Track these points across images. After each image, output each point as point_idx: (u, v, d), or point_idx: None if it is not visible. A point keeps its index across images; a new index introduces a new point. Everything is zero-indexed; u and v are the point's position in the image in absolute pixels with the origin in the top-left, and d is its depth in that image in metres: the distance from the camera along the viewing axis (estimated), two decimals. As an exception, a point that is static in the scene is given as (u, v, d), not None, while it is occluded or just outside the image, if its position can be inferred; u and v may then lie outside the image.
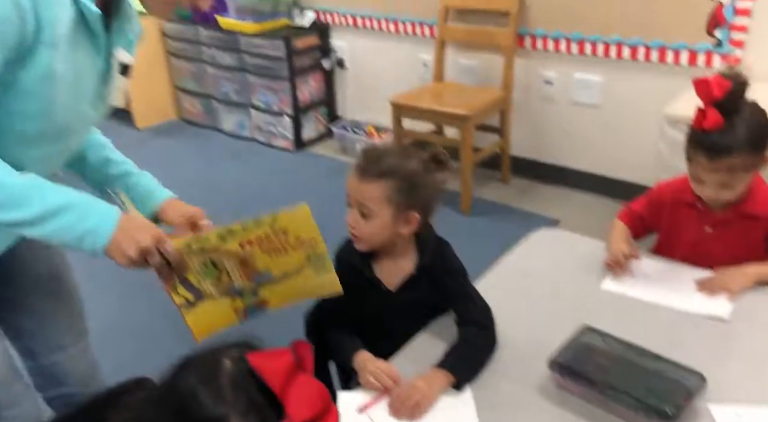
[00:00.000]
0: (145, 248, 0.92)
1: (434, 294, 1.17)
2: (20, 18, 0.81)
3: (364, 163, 1.11)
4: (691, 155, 1.26)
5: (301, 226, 0.95)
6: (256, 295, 1.04)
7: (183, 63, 3.77)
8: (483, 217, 2.74)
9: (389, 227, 1.11)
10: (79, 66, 0.93)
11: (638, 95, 2.59)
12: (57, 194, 0.90)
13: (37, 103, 0.89)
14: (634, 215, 1.43)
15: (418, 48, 3.13)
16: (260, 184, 3.13)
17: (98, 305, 2.06)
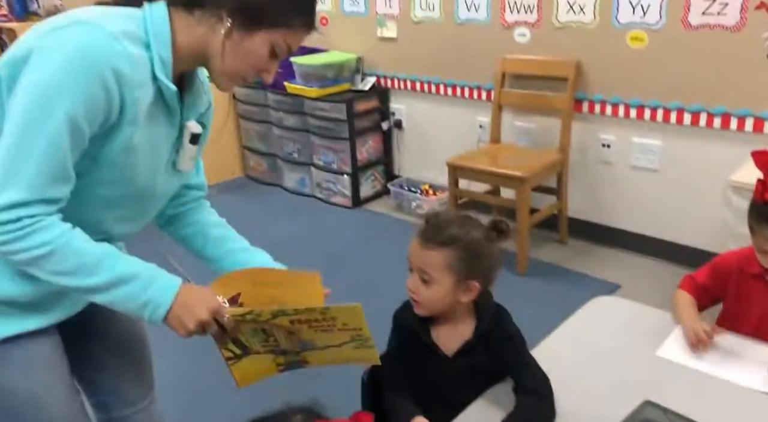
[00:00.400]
0: (204, 321, 0.98)
1: (491, 361, 1.17)
2: (108, 101, 0.89)
3: (427, 230, 1.13)
4: (753, 227, 1.25)
5: (351, 319, 0.99)
6: (299, 356, 1.09)
7: (251, 124, 3.99)
8: (539, 278, 2.71)
9: (449, 295, 1.13)
10: (155, 137, 1.01)
11: (700, 161, 2.55)
12: (125, 264, 0.96)
13: (119, 171, 0.98)
14: (697, 285, 1.40)
15: (474, 111, 3.21)
16: (318, 239, 3.22)
17: (159, 356, 2.14)
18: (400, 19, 3.31)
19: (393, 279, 2.58)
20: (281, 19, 0.97)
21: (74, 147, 0.90)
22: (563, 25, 2.74)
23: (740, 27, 2.29)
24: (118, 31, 0.90)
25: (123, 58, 0.90)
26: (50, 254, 0.91)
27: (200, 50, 0.99)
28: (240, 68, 1.00)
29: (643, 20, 2.51)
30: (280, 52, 1.00)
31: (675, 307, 1.37)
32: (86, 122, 0.89)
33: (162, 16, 0.97)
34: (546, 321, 1.62)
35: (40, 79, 0.87)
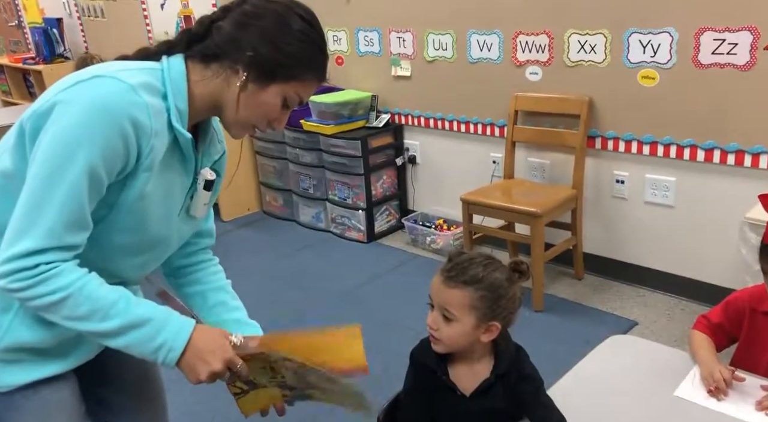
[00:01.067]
0: (217, 372, 0.99)
1: (509, 402, 1.17)
2: (126, 150, 0.93)
3: (450, 268, 1.14)
4: (765, 269, 1.24)
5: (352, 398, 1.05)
6: (303, 392, 1.11)
7: (267, 160, 4.07)
8: (555, 314, 2.70)
9: (470, 334, 1.14)
10: (169, 184, 1.04)
11: (715, 197, 2.55)
12: (139, 308, 0.98)
13: (134, 219, 1.00)
14: (713, 325, 1.38)
15: (488, 147, 3.25)
16: (333, 274, 3.23)
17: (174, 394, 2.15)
18: (414, 58, 3.39)
19: (408, 315, 2.60)
20: (294, 73, 1.02)
21: (92, 195, 0.93)
22: (575, 63, 2.79)
23: (750, 66, 2.32)
24: (136, 82, 0.94)
25: (140, 109, 0.94)
26: (65, 299, 0.92)
27: (215, 101, 1.04)
28: (252, 118, 1.05)
29: (654, 59, 2.55)
30: (291, 103, 1.05)
31: (692, 349, 1.36)
32: (105, 170, 0.92)
33: (179, 69, 1.01)
34: (562, 358, 1.61)
35: (61, 130, 0.90)
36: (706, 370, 1.26)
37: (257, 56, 0.99)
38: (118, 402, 1.28)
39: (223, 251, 1.37)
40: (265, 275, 3.26)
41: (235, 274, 3.64)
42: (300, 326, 2.59)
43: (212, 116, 1.10)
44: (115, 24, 5.10)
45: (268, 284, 3.16)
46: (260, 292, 3.05)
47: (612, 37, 2.64)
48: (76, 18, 5.52)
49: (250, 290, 3.09)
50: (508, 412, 1.18)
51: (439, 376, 1.18)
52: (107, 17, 5.18)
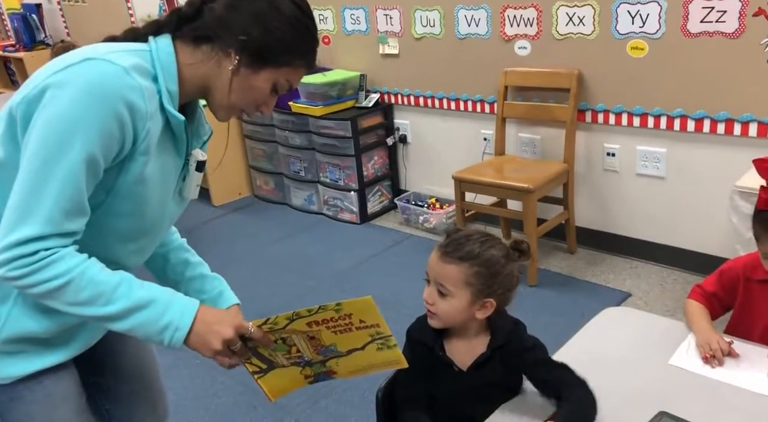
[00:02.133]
0: (229, 339, 0.99)
1: (506, 375, 1.18)
2: (122, 133, 0.92)
3: (447, 244, 1.15)
4: (758, 234, 1.25)
5: (366, 314, 1.00)
6: (324, 366, 1.09)
7: (257, 144, 4.04)
8: (550, 288, 2.72)
9: (465, 310, 1.14)
10: (164, 167, 1.03)
11: (706, 167, 2.56)
12: (141, 290, 0.97)
13: (132, 203, 0.99)
14: (707, 294, 1.40)
15: (478, 124, 3.24)
16: (327, 256, 3.23)
17: (173, 380, 2.16)
18: (402, 36, 3.35)
19: (404, 294, 2.61)
20: (285, 58, 1.02)
21: (90, 180, 0.92)
22: (563, 36, 2.77)
23: (739, 33, 2.31)
24: (128, 64, 0.93)
25: (135, 91, 0.92)
26: (67, 284, 0.92)
27: (204, 83, 1.03)
28: (242, 102, 1.04)
29: (643, 30, 2.53)
30: (280, 89, 1.05)
31: (688, 317, 1.37)
32: (101, 155, 0.91)
33: (168, 50, 1.00)
34: (558, 331, 1.63)
35: (55, 115, 0.89)
36: (702, 338, 1.28)
37: (250, 40, 0.99)
38: (116, 390, 1.28)
39: (215, 236, 1.37)
40: (259, 260, 3.25)
41: (227, 259, 3.67)
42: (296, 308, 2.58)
43: (199, 98, 1.09)
44: (96, 9, 5.00)
45: (262, 268, 3.16)
46: (254, 277, 3.05)
47: (600, 8, 2.61)
48: (56, 3, 5.40)
49: (243, 275, 3.12)
50: (505, 385, 1.19)
51: (435, 352, 1.19)
52: (87, 1, 5.08)
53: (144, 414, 1.33)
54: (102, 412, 1.28)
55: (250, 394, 2.19)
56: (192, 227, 3.60)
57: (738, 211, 2.03)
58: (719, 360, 1.23)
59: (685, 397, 1.16)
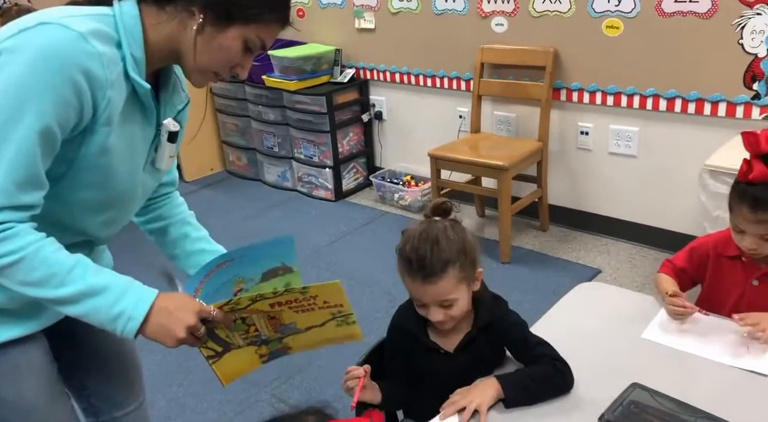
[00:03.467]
0: (192, 326, 0.96)
1: (493, 352, 1.20)
2: (80, 103, 0.88)
3: (418, 268, 1.09)
4: (733, 206, 1.28)
5: (331, 296, 0.99)
6: (281, 343, 1.09)
7: (229, 118, 3.96)
8: (522, 265, 2.76)
9: (469, 297, 1.16)
10: (131, 137, 0.99)
11: (676, 146, 2.60)
12: (96, 275, 0.93)
13: (97, 174, 0.96)
14: (677, 268, 1.44)
15: (454, 101, 3.23)
16: (302, 233, 3.21)
17: (147, 355, 2.13)
18: (378, 10, 3.30)
19: (379, 271, 2.61)
20: (254, 14, 0.96)
21: (46, 152, 0.88)
22: (540, 14, 2.76)
23: (711, 14, 2.34)
24: (86, 30, 0.88)
25: (92, 58, 0.88)
26: (18, 262, 0.88)
27: (173, 46, 0.98)
28: (212, 64, 0.99)
29: (618, 8, 2.54)
30: (253, 47, 0.99)
31: (659, 288, 1.41)
32: (57, 125, 0.87)
33: (132, 13, 0.95)
34: (531, 307, 1.65)
35: (6, 82, 0.84)
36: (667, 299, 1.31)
37: None
38: (91, 365, 1.26)
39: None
40: (231, 236, 3.18)
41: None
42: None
43: (172, 64, 1.04)
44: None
45: (235, 244, 3.11)
46: (228, 253, 3.01)
47: (577, -14, 2.61)
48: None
49: (217, 251, 3.06)
50: (491, 363, 1.21)
51: (421, 339, 1.20)
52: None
53: (118, 387, 1.32)
54: (76, 385, 1.27)
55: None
56: (163, 203, 3.53)
57: (706, 189, 2.08)
58: (691, 308, 1.27)
59: (656, 369, 1.19)
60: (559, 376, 1.13)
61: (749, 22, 2.27)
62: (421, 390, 1.22)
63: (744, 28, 2.29)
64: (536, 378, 1.12)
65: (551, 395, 1.12)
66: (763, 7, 2.23)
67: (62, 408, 1.15)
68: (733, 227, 1.31)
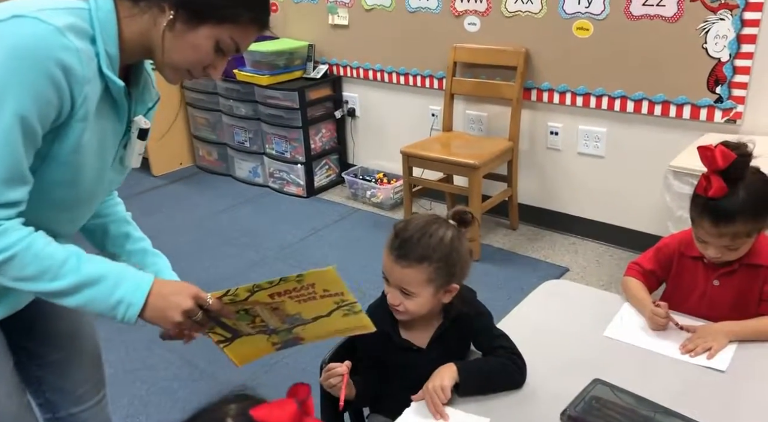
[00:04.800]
0: (189, 309, 0.96)
1: (463, 345, 1.21)
2: (59, 98, 0.87)
3: (399, 245, 1.11)
4: (695, 218, 1.30)
5: (329, 284, 0.98)
6: (291, 332, 1.08)
7: (200, 113, 3.90)
8: (491, 263, 2.78)
9: (431, 302, 1.15)
10: (103, 134, 0.98)
11: (642, 147, 2.66)
12: (91, 265, 0.94)
13: (68, 172, 0.95)
14: (645, 271, 1.45)
15: (427, 99, 3.23)
16: (273, 230, 3.19)
17: (110, 352, 2.08)
18: (352, 6, 3.29)
19: (350, 268, 2.60)
20: (226, 14, 0.95)
21: (28, 147, 0.88)
22: (512, 14, 2.78)
23: (677, 18, 2.39)
24: (62, 24, 0.87)
25: (70, 53, 0.87)
26: (11, 259, 0.88)
27: (145, 42, 0.97)
28: (183, 62, 0.98)
29: (588, 10, 2.58)
30: (226, 49, 0.98)
31: (629, 295, 1.42)
32: (38, 120, 0.87)
33: (108, 8, 0.93)
34: (499, 304, 1.66)
35: None
36: (648, 313, 1.32)
37: None
38: (47, 356, 1.24)
39: (155, 207, 1.32)
40: (200, 232, 3.17)
41: (167, 230, 3.56)
42: (241, 281, 2.53)
43: (144, 59, 1.03)
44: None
45: (204, 240, 3.09)
46: (195, 249, 2.97)
47: (549, -12, 2.64)
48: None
49: (184, 246, 3.03)
50: (461, 355, 1.22)
51: (393, 338, 1.20)
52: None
53: (77, 382, 1.29)
54: (33, 379, 1.24)
55: (189, 368, 2.15)
56: (128, 196, 3.44)
57: (671, 190, 2.12)
58: (670, 321, 1.29)
59: (618, 365, 1.21)
60: (515, 370, 1.14)
61: (713, 26, 2.33)
62: (393, 385, 1.22)
63: (708, 32, 2.35)
64: (492, 369, 1.14)
65: (504, 387, 1.14)
66: (726, 12, 2.29)
67: (18, 401, 1.12)
68: (696, 237, 1.33)
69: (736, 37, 2.29)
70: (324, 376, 1.13)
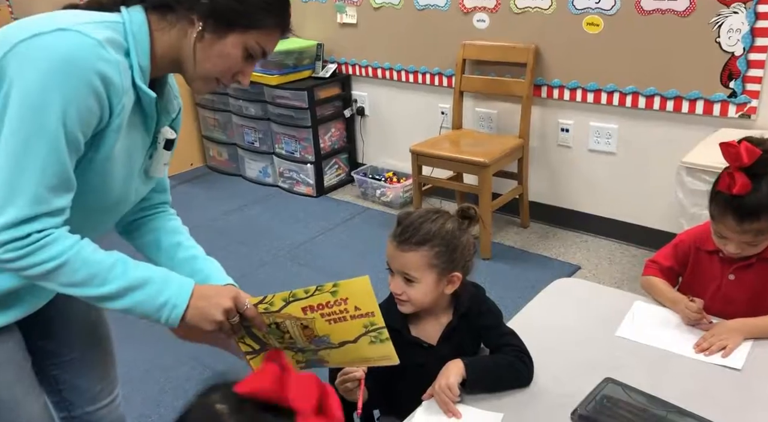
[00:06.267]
0: (229, 308, 0.98)
1: (474, 340, 1.20)
2: (100, 107, 0.90)
3: (401, 232, 1.14)
4: (716, 215, 1.28)
5: (361, 297, 0.98)
6: (316, 354, 1.09)
7: (209, 113, 3.92)
8: (503, 262, 2.76)
9: (434, 290, 1.16)
10: (132, 143, 1.01)
11: (654, 143, 2.63)
12: (137, 270, 0.97)
13: (97, 180, 0.98)
14: (664, 269, 1.43)
15: (436, 97, 3.22)
16: (283, 229, 3.19)
17: (123, 352, 2.10)
18: (360, 5, 3.28)
19: (360, 268, 2.60)
20: (253, 21, 0.98)
21: (71, 155, 0.91)
22: (521, 10, 2.76)
23: (689, 12, 2.36)
24: (102, 38, 0.90)
25: (110, 65, 0.90)
26: (61, 266, 0.91)
27: (174, 55, 1.00)
28: (214, 71, 1.01)
29: (599, 6, 2.55)
30: (254, 53, 1.02)
31: (655, 293, 1.40)
32: (80, 129, 0.90)
33: (141, 22, 0.97)
34: (510, 302, 1.66)
35: (29, 90, 0.86)
36: (682, 306, 1.30)
37: (213, 4, 0.96)
38: (63, 355, 1.25)
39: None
40: (211, 232, 3.18)
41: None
42: (253, 280, 2.58)
43: (173, 72, 1.06)
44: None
45: (215, 239, 3.09)
46: (206, 248, 2.91)
47: (558, -17, 2.62)
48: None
49: (196, 247, 3.02)
50: (471, 352, 1.21)
51: (404, 335, 1.20)
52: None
53: (92, 381, 1.30)
54: (49, 378, 1.25)
55: (201, 368, 2.16)
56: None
57: (684, 186, 2.10)
58: (706, 318, 1.27)
59: (629, 364, 1.20)
60: (522, 368, 1.14)
61: (726, 20, 2.30)
62: (404, 385, 1.21)
63: (721, 26, 2.31)
64: (499, 366, 1.13)
65: (511, 385, 1.13)
66: (740, 5, 2.25)
67: (35, 403, 1.14)
68: (716, 233, 1.31)
69: (750, 30, 2.26)
70: (340, 380, 1.13)
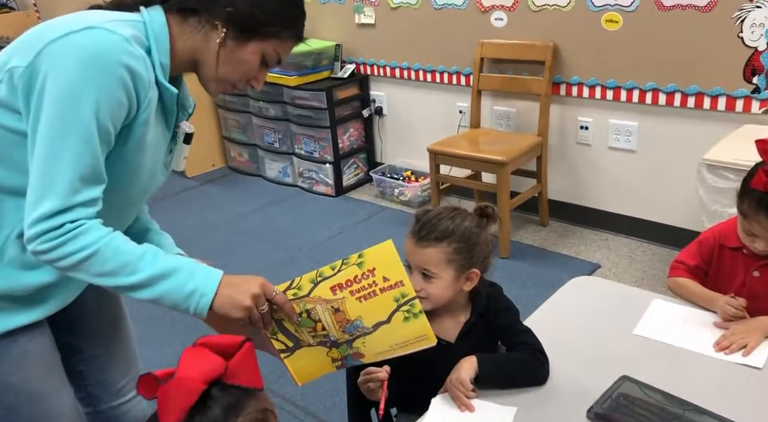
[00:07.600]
0: (257, 294, 1.00)
1: (491, 336, 1.21)
2: (129, 100, 0.94)
3: (419, 228, 1.16)
4: (748, 213, 1.26)
5: (387, 264, 1.00)
6: (351, 347, 1.09)
7: (230, 114, 3.97)
8: (522, 260, 2.76)
9: (452, 287, 1.16)
10: (156, 138, 1.05)
11: (675, 140, 2.59)
12: (166, 259, 0.99)
13: (128, 172, 1.02)
14: (692, 268, 1.42)
15: (454, 96, 3.22)
16: (302, 229, 3.22)
17: (143, 349, 2.14)
18: (378, 5, 3.30)
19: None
20: (272, 30, 1.03)
21: (103, 147, 0.94)
22: (539, 8, 2.75)
23: (711, 7, 2.33)
24: (128, 35, 0.94)
25: (137, 60, 0.94)
26: (93, 255, 0.94)
27: (193, 56, 1.04)
28: (231, 76, 1.05)
29: (617, 2, 2.53)
30: (270, 61, 1.06)
31: (687, 293, 1.38)
32: (111, 122, 0.93)
33: (161, 22, 1.01)
34: (529, 301, 1.66)
35: (62, 85, 0.89)
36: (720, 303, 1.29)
37: (236, 12, 1.00)
38: (88, 350, 1.28)
39: (188, 207, 1.36)
40: (232, 231, 3.23)
41: (200, 230, 3.62)
42: (270, 279, 2.56)
43: (189, 72, 1.09)
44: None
45: (236, 239, 3.14)
46: (227, 247, 3.03)
47: (576, -20, 2.60)
48: (18, -34, 5.17)
49: (216, 245, 3.09)
50: (490, 349, 1.22)
51: None
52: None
53: (117, 376, 1.33)
54: (75, 374, 1.28)
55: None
56: (163, 197, 3.55)
57: (705, 184, 2.07)
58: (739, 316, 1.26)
59: (646, 362, 1.19)
60: (537, 366, 1.14)
61: (749, 15, 2.26)
62: (422, 383, 1.22)
63: (744, 21, 2.28)
64: (513, 363, 1.14)
65: (525, 383, 1.14)
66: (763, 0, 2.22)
67: (66, 396, 1.18)
68: (744, 231, 1.30)
69: (773, 25, 2.22)
70: (362, 379, 1.14)
